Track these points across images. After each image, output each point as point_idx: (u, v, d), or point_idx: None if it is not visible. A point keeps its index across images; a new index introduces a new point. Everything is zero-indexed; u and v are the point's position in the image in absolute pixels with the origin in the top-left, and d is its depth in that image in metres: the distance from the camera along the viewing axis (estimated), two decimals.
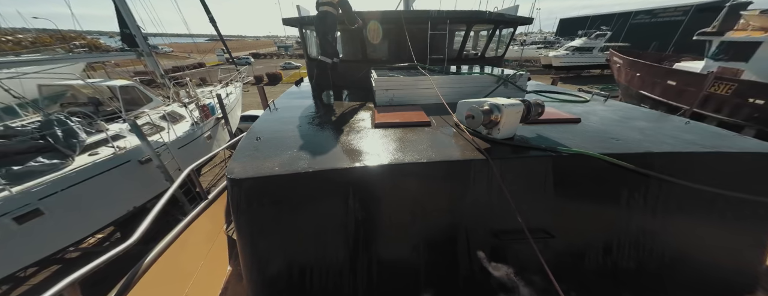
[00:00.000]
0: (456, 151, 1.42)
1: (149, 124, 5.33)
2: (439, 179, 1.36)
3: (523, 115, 1.54)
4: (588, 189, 1.41)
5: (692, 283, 1.50)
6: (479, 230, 1.40)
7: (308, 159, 1.37)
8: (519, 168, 1.37)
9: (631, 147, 1.42)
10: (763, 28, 7.63)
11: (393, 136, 1.68)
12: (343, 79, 3.53)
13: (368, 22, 3.45)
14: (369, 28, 3.55)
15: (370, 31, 3.61)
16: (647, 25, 32.82)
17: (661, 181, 1.33)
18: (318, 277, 1.39)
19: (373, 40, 3.73)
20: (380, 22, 3.58)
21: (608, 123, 1.82)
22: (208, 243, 1.90)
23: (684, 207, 1.41)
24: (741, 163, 1.38)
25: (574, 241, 1.45)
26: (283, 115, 2.28)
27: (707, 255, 1.49)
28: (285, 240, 1.35)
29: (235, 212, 1.30)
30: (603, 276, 1.48)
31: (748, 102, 6.91)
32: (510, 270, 1.41)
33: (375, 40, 3.74)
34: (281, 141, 1.64)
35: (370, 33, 3.63)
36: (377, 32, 3.65)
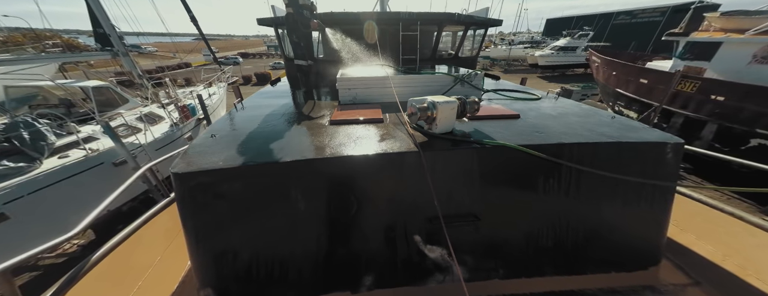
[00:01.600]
0: (396, 145, 1.53)
1: (124, 125, 5.24)
2: (377, 171, 1.46)
3: (459, 112, 1.66)
4: (510, 177, 1.54)
5: (605, 257, 1.66)
6: (416, 217, 1.51)
7: (255, 155, 1.43)
8: (450, 159, 1.49)
9: (548, 139, 1.55)
10: (723, 29, 8.12)
11: (344, 132, 1.76)
12: (322, 80, 3.59)
13: (338, 24, 3.52)
14: (366, 28, 3.61)
15: (367, 31, 3.66)
16: (628, 26, 34.04)
17: (571, 169, 1.47)
18: (264, 268, 1.47)
19: (341, 41, 3.78)
20: (352, 23, 3.66)
21: (544, 118, 1.96)
22: (168, 238, 1.93)
23: (593, 190, 1.56)
24: (639, 152, 1.54)
25: (499, 223, 1.58)
26: (247, 114, 2.33)
27: (616, 232, 1.66)
28: (231, 234, 1.42)
29: (180, 207, 1.36)
30: (526, 253, 1.62)
31: (711, 98, 7.34)
32: (444, 251, 1.53)
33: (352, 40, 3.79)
34: (236, 138, 1.70)
35: (347, 34, 3.69)
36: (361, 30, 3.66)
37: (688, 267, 1.75)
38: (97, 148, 4.57)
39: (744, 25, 7.53)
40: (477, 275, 1.59)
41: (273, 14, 4.12)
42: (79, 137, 4.44)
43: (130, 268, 1.63)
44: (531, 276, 1.63)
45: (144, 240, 1.78)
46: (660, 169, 1.55)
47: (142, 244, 1.75)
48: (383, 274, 1.55)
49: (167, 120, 6.21)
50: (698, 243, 1.84)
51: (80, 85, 5.98)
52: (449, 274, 1.56)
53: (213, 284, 1.45)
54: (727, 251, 1.74)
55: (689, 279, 1.69)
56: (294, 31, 2.84)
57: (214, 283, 1.44)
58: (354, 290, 1.54)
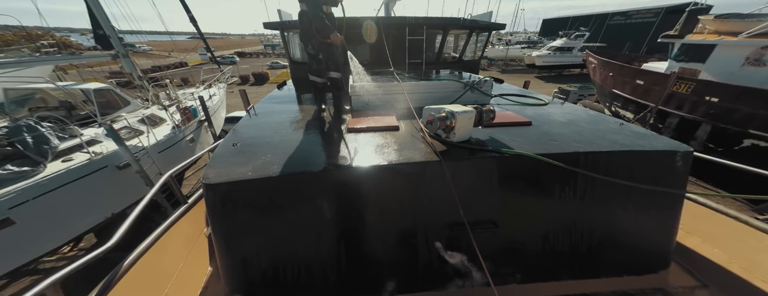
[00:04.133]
0: (416, 154, 1.58)
1: (127, 128, 5.20)
2: (400, 179, 1.51)
3: (476, 121, 1.71)
4: (527, 184, 1.60)
5: (617, 262, 1.74)
6: (436, 223, 1.56)
7: (281, 164, 1.47)
8: (470, 168, 1.54)
9: (563, 147, 1.62)
10: (717, 31, 8.31)
11: (363, 140, 1.81)
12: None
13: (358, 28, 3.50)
14: (365, 31, 3.53)
15: (366, 33, 3.55)
16: (622, 26, 34.49)
17: (586, 176, 1.54)
18: (291, 273, 1.51)
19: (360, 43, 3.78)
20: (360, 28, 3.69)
21: (554, 125, 2.03)
22: (189, 245, 1.96)
23: (606, 197, 1.63)
24: (650, 159, 1.61)
25: (517, 230, 1.64)
26: (262, 121, 2.35)
27: (628, 237, 1.73)
28: (259, 240, 1.46)
29: (211, 215, 1.40)
30: (542, 258, 1.69)
31: (705, 100, 7.52)
32: (464, 257, 1.59)
33: (363, 43, 3.79)
34: (257, 147, 1.74)
35: (365, 34, 3.67)
36: (368, 34, 3.67)
37: (696, 270, 1.83)
38: (101, 151, 4.53)
39: (737, 28, 7.71)
40: (496, 280, 1.64)
41: (279, 19, 4.13)
42: (83, 140, 4.40)
43: (158, 275, 1.66)
44: (547, 281, 1.69)
45: (167, 247, 1.81)
46: (669, 177, 1.62)
47: (166, 251, 1.78)
48: (405, 279, 1.60)
49: (169, 122, 6.17)
50: (705, 247, 1.91)
51: (81, 87, 5.90)
52: (469, 279, 1.61)
53: (241, 289, 1.48)
54: (733, 254, 1.82)
55: (697, 282, 1.77)
56: (309, 37, 2.18)
57: (242, 288, 1.48)
58: (377, 294, 1.58)
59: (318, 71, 2.37)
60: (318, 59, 2.32)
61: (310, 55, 2.32)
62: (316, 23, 2.11)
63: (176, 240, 1.90)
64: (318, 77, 2.39)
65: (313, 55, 2.30)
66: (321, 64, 2.35)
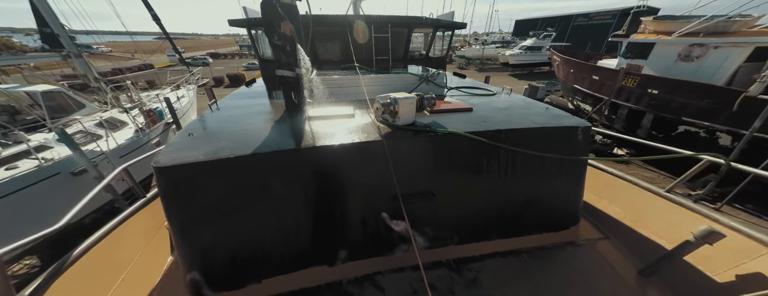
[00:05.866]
0: (362, 136, 1.72)
1: (82, 132, 4.87)
2: (347, 158, 1.65)
3: (418, 106, 1.90)
4: (460, 159, 1.82)
5: (537, 221, 2.03)
6: (382, 196, 1.72)
7: (234, 148, 1.54)
8: (409, 146, 1.73)
9: (489, 127, 1.85)
10: (656, 31, 9.37)
11: (318, 126, 1.92)
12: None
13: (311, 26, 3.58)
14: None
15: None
16: (585, 27, 37.31)
17: (508, 150, 1.78)
18: (246, 250, 1.60)
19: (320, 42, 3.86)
20: (328, 25, 3.78)
21: (492, 111, 2.28)
22: (148, 236, 1.97)
23: (525, 167, 1.90)
24: (558, 134, 1.90)
25: (453, 199, 1.86)
26: (223, 114, 2.38)
27: (544, 200, 2.03)
28: (212, 221, 1.52)
29: (163, 198, 1.45)
30: (475, 222, 1.92)
31: (648, 92, 8.45)
32: (407, 225, 1.77)
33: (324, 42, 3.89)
34: (214, 135, 1.79)
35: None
36: (335, 31, 3.68)
37: (601, 225, 2.18)
38: (52, 157, 4.23)
39: (671, 28, 8.74)
40: (436, 243, 1.85)
41: (245, 15, 4.10)
42: (30, 146, 4.08)
43: (112, 263, 1.67)
44: (480, 241, 1.94)
45: (123, 238, 1.80)
46: (574, 147, 1.91)
47: (121, 242, 1.78)
48: (356, 248, 1.75)
49: (131, 125, 5.84)
50: (610, 207, 2.29)
51: (26, 89, 5.42)
52: (412, 244, 1.80)
53: (197, 267, 1.54)
54: (627, 210, 2.19)
55: (602, 234, 2.11)
56: (275, 28, 2.05)
57: (198, 267, 1.54)
58: (331, 263, 1.72)
59: (287, 65, 2.24)
60: (286, 51, 2.19)
61: (277, 47, 2.18)
62: (267, 8, 2.00)
63: (134, 232, 1.90)
64: (287, 71, 2.25)
65: (281, 46, 2.16)
66: (290, 57, 2.22)
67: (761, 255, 1.54)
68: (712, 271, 1.67)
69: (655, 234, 1.98)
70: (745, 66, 7.35)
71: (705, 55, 7.90)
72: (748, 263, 1.56)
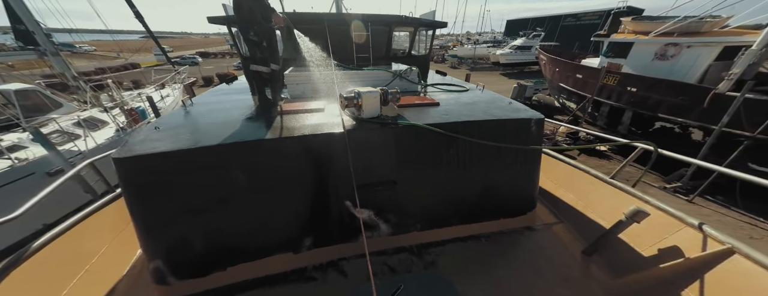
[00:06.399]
0: (326, 128, 1.78)
1: (59, 131, 4.77)
2: (311, 149, 1.71)
3: (382, 99, 1.97)
4: (421, 149, 1.90)
5: (495, 207, 2.14)
6: (346, 186, 1.79)
7: (197, 140, 1.57)
8: (372, 137, 1.80)
9: (449, 119, 1.93)
10: (634, 31, 9.72)
11: (287, 120, 1.96)
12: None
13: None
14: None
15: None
16: (574, 27, 38.15)
17: (466, 141, 1.87)
18: (210, 239, 1.64)
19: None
20: (308, 23, 3.81)
21: (458, 105, 2.37)
22: (115, 230, 1.98)
23: (483, 157, 2.00)
24: (513, 126, 2.00)
25: (415, 187, 1.95)
26: (196, 110, 2.40)
27: (502, 187, 2.14)
28: (174, 211, 1.56)
29: (124, 190, 1.48)
30: (437, 209, 2.01)
31: (627, 90, 8.76)
32: (371, 212, 1.85)
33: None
34: (181, 128, 1.81)
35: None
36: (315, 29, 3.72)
37: (557, 210, 2.32)
38: (26, 156, 4.13)
39: (648, 28, 9.08)
40: (400, 229, 1.94)
41: (225, 12, 4.09)
42: (1, 146, 3.99)
43: (76, 255, 1.68)
44: (442, 227, 2.03)
45: (89, 231, 1.81)
46: (528, 138, 2.02)
47: (86, 235, 1.79)
48: (321, 235, 1.82)
49: (112, 124, 5.74)
50: (566, 194, 2.43)
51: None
52: (377, 230, 1.88)
53: (161, 256, 1.58)
54: (579, 196, 2.33)
55: (557, 219, 2.24)
56: (251, 24, 2.04)
57: (162, 255, 1.58)
58: (296, 250, 1.78)
59: (262, 60, 2.20)
60: (262, 47, 2.17)
61: (252, 43, 2.13)
62: (258, 6, 2.01)
63: (102, 225, 1.92)
64: (262, 66, 2.22)
65: (257, 42, 2.13)
66: (265, 52, 2.20)
67: (678, 230, 1.69)
68: (640, 246, 1.81)
69: (600, 216, 2.11)
70: (715, 64, 7.70)
71: (679, 54, 8.24)
72: (668, 238, 1.71)
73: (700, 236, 1.58)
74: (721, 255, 1.46)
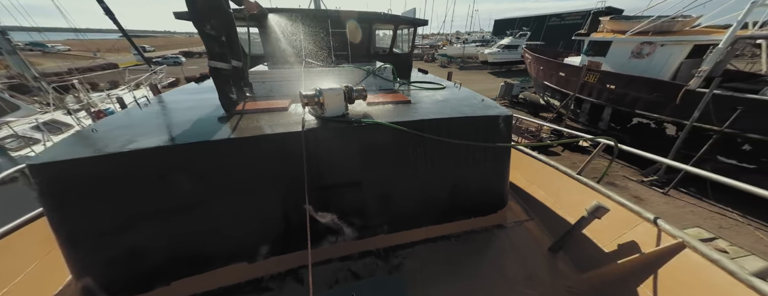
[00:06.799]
0: (282, 127, 1.67)
1: (13, 136, 4.43)
2: (266, 150, 1.59)
3: (347, 97, 1.89)
4: (387, 148, 1.82)
5: (465, 207, 2.10)
6: (306, 188, 1.69)
7: (133, 143, 1.43)
8: (334, 136, 1.70)
9: (415, 116, 1.86)
10: (612, 30, 10.03)
11: (243, 120, 1.84)
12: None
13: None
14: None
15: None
16: (559, 27, 39.19)
17: (433, 139, 1.81)
18: (149, 251, 1.51)
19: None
20: (281, 19, 3.67)
21: (430, 103, 2.31)
22: (46, 247, 1.80)
23: (452, 155, 1.94)
24: (481, 123, 1.95)
25: (382, 187, 1.87)
26: (149, 110, 2.24)
27: (473, 186, 2.10)
28: (105, 221, 1.42)
29: (42, 201, 1.33)
30: (405, 210, 1.95)
31: (606, 87, 9.02)
32: (334, 216, 1.76)
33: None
34: (122, 130, 1.66)
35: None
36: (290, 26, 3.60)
37: (529, 207, 2.31)
38: None
39: (626, 28, 9.38)
40: (366, 232, 1.86)
41: None
42: None
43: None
44: (410, 228, 1.96)
45: (14, 248, 1.64)
46: (497, 135, 1.99)
47: (11, 252, 1.62)
48: (278, 242, 1.71)
49: (77, 127, 5.40)
50: (537, 190, 2.42)
51: None
52: (341, 235, 1.79)
53: (90, 273, 1.44)
54: (549, 193, 2.34)
55: (528, 216, 2.23)
56: (207, 16, 1.87)
57: (91, 272, 1.44)
58: (250, 260, 1.67)
59: (221, 55, 2.05)
60: (220, 41, 2.01)
61: (209, 37, 1.95)
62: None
63: (31, 241, 1.74)
64: (221, 62, 2.06)
65: (215, 36, 1.96)
66: (224, 48, 2.06)
67: (636, 225, 1.71)
68: (601, 242, 1.82)
69: (567, 213, 2.12)
70: (686, 62, 8.03)
71: (653, 52, 8.55)
72: (627, 233, 1.72)
73: (656, 230, 1.59)
74: (672, 250, 1.47)
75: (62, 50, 33.31)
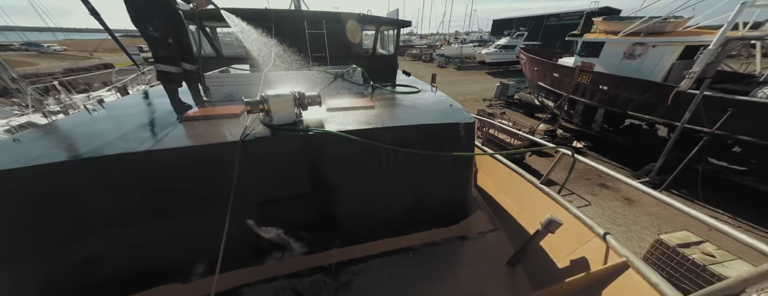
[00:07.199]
0: (220, 137, 1.57)
1: None
2: (201, 161, 1.50)
3: (297, 104, 1.79)
4: (339, 158, 1.72)
5: (425, 218, 2.01)
6: (247, 202, 1.60)
7: (46, 156, 1.33)
8: (279, 146, 1.60)
9: (372, 124, 1.76)
10: (605, 31, 9.95)
11: (185, 128, 1.74)
12: None
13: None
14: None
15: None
16: (556, 27, 39.08)
17: (388, 148, 1.71)
18: (66, 275, 1.41)
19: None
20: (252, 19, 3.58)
21: (396, 108, 2.21)
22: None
23: (409, 164, 1.85)
24: (439, 131, 1.85)
25: (333, 200, 1.77)
26: (95, 116, 2.13)
27: (433, 196, 2.00)
28: (11, 243, 1.32)
29: None
30: (359, 223, 1.85)
31: (599, 88, 8.95)
32: (279, 231, 1.67)
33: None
34: (45, 140, 1.55)
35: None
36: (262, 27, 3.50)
37: (497, 216, 2.21)
38: None
39: (618, 28, 9.29)
40: (316, 247, 1.76)
41: None
42: None
43: None
44: (366, 242, 1.87)
45: None
46: (457, 143, 1.89)
47: None
48: (215, 260, 1.61)
49: None
50: (505, 199, 2.33)
51: None
52: (288, 250, 1.70)
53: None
54: (515, 202, 2.25)
55: (493, 226, 2.13)
56: (147, 19, 1.78)
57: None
58: (184, 280, 1.57)
59: (169, 59, 1.97)
60: (167, 45, 1.93)
61: (153, 39, 1.85)
62: None
63: None
64: (170, 66, 1.98)
65: (160, 39, 1.87)
66: (172, 51, 1.97)
67: (589, 240, 1.62)
68: (556, 257, 1.75)
69: (528, 224, 2.03)
70: (677, 63, 7.95)
71: (645, 53, 8.47)
72: (579, 248, 1.64)
73: (605, 247, 1.51)
74: (617, 270, 1.39)
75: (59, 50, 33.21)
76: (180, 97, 2.28)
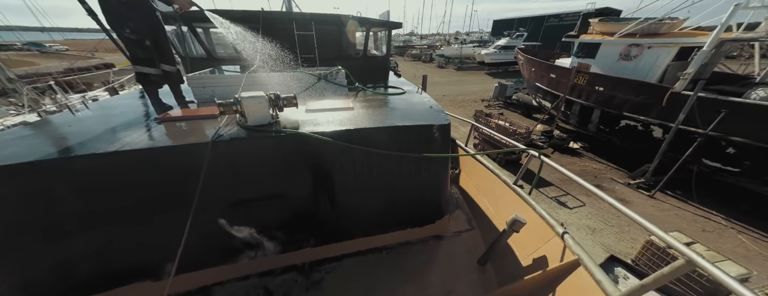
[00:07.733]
0: (193, 138, 1.59)
1: None
2: (170, 162, 1.51)
3: (272, 105, 1.81)
4: (312, 158, 1.74)
5: (401, 218, 2.02)
6: (219, 203, 1.61)
7: (18, 155, 1.34)
8: (252, 147, 1.62)
9: (346, 126, 1.77)
10: (601, 32, 9.93)
11: (162, 129, 1.75)
12: None
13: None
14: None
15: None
16: (556, 27, 38.91)
17: (362, 149, 1.72)
18: (37, 272, 1.42)
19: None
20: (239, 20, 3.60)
21: (375, 109, 2.22)
22: None
23: (384, 165, 1.86)
24: (414, 133, 1.86)
25: (306, 200, 1.78)
26: (78, 116, 2.14)
27: (408, 197, 2.01)
28: None
29: None
30: (334, 222, 1.87)
31: (595, 89, 8.94)
32: (252, 230, 1.69)
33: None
34: (25, 140, 1.57)
35: None
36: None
37: (474, 217, 2.23)
38: None
39: (613, 29, 9.28)
40: (290, 246, 1.78)
41: None
42: None
43: None
44: (340, 241, 1.88)
45: None
46: (432, 145, 1.90)
47: None
48: (188, 259, 1.63)
49: None
50: (483, 199, 2.35)
51: None
52: (260, 249, 1.71)
53: None
54: (490, 202, 2.26)
55: (470, 226, 2.15)
56: (123, 21, 1.76)
57: None
58: (155, 278, 1.59)
59: (147, 61, 1.96)
60: (144, 46, 1.91)
61: (131, 41, 1.83)
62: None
63: None
64: (149, 68, 1.98)
65: (136, 40, 1.85)
66: (150, 52, 1.96)
67: (550, 239, 1.64)
68: (520, 255, 1.76)
69: (500, 223, 2.05)
70: (672, 64, 7.94)
71: (641, 54, 8.45)
72: (542, 247, 1.66)
73: (563, 246, 1.52)
74: (569, 268, 1.41)
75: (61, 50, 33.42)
76: (162, 99, 2.30)
